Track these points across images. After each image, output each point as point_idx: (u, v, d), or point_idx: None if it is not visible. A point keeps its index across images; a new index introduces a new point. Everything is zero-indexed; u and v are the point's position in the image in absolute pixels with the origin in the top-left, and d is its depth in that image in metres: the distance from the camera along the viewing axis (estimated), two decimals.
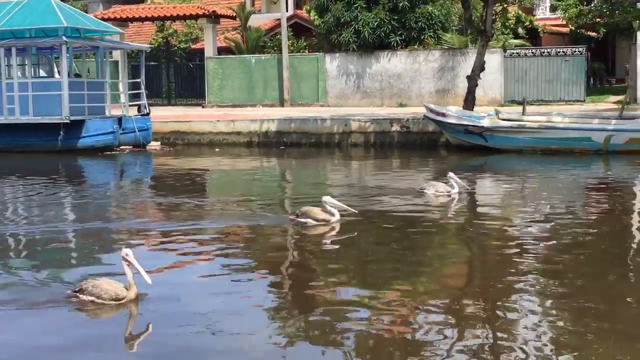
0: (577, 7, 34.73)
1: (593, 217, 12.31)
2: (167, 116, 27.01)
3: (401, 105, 29.57)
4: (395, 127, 23.49)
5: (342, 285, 8.44)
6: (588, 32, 39.69)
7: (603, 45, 43.09)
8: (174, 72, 36.47)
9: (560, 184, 16.13)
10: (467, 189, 14.04)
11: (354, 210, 11.78)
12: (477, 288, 8.45)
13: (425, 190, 13.95)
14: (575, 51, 29.82)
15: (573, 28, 38.11)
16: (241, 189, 16.51)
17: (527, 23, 37.03)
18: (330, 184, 17.18)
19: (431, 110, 21.82)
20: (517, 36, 34.53)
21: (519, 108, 23.32)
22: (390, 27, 29.60)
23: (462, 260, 10.00)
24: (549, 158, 19.75)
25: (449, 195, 13.66)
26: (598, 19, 32.76)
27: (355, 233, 10.95)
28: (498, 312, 7.43)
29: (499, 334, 6.84)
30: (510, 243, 10.39)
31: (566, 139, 20.33)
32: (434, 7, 29.90)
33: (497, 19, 29.61)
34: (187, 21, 39.70)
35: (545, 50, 30.45)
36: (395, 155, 22.07)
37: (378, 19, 29.40)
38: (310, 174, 19.38)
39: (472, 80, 23.73)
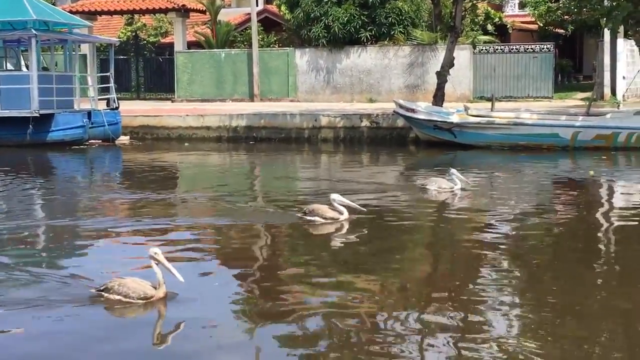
0: (545, 4, 34.89)
1: (561, 213, 12.45)
2: (136, 110, 26.86)
3: (371, 100, 29.63)
4: (365, 123, 23.54)
5: (316, 285, 8.47)
6: (556, 29, 39.96)
7: (571, 43, 43.43)
8: (143, 66, 36.28)
9: (529, 180, 16.26)
10: (470, 185, 13.92)
11: (362, 209, 11.52)
12: (447, 285, 8.51)
13: (427, 187, 13.85)
14: (543, 48, 30.09)
15: (541, 25, 38.32)
16: (212, 184, 16.46)
17: (496, 20, 37.21)
18: (309, 179, 17.21)
19: (401, 106, 21.91)
20: (486, 33, 34.69)
21: (488, 104, 23.49)
22: (360, 22, 29.64)
23: (432, 256, 10.07)
24: (517, 154, 19.92)
25: (452, 192, 13.57)
26: (566, 16, 32.91)
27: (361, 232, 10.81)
28: (468, 308, 7.49)
29: (469, 331, 6.90)
30: (480, 239, 10.47)
31: (534, 135, 20.51)
32: (403, 3, 29.96)
33: (467, 16, 29.76)
34: (156, 15, 39.50)
35: (514, 47, 30.68)
36: (365, 151, 22.14)
37: (348, 14, 29.43)
38: (282, 168, 19.37)
39: (442, 76, 23.85)
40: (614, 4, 21.85)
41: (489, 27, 35.93)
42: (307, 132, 23.96)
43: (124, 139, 24.19)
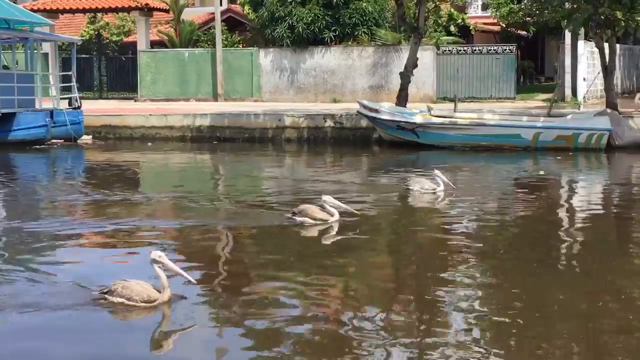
0: (507, 6, 35.28)
1: (521, 213, 12.58)
2: (99, 110, 26.65)
3: (335, 101, 29.68)
4: (329, 123, 23.58)
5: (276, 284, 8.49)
6: (518, 31, 40.36)
7: (533, 44, 43.88)
8: (106, 65, 36.01)
9: (490, 180, 16.40)
10: (453, 187, 13.87)
11: (354, 211, 11.39)
12: (411, 286, 8.57)
13: (411, 187, 13.86)
14: (506, 49, 30.36)
15: (504, 26, 38.71)
16: (175, 184, 16.41)
17: (459, 21, 37.48)
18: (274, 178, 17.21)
19: (364, 106, 21.97)
20: (449, 34, 34.93)
21: (451, 105, 23.69)
22: (324, 22, 29.67)
23: (396, 256, 10.13)
24: (480, 154, 20.08)
25: (434, 193, 13.55)
26: (528, 18, 33.34)
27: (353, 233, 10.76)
28: (432, 309, 7.56)
29: (432, 331, 6.96)
30: (443, 239, 10.58)
31: (496, 135, 20.69)
32: (367, 4, 30.06)
33: (430, 17, 29.91)
34: (119, 14, 39.20)
35: (477, 48, 30.92)
36: (329, 151, 22.18)
37: (312, 15, 29.45)
38: (247, 168, 19.35)
39: (405, 76, 23.97)
40: (575, 6, 22.14)
41: (452, 28, 36.19)
42: (271, 132, 23.94)
43: (86, 139, 23.98)
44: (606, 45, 22.84)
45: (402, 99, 23.69)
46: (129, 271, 8.78)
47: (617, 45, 24.93)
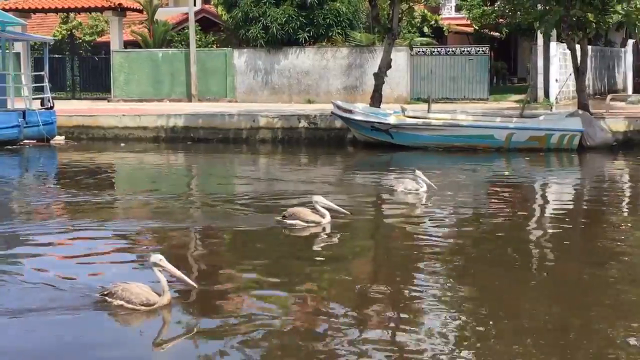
0: (480, 8, 35.48)
1: (495, 213, 12.66)
2: (71, 110, 26.49)
3: (309, 101, 29.71)
4: (303, 124, 23.60)
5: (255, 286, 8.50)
6: (491, 32, 40.58)
7: (506, 45, 44.13)
8: (79, 65, 35.75)
9: (464, 181, 16.48)
10: (435, 189, 13.86)
11: (346, 212, 11.33)
12: (384, 287, 8.60)
13: (394, 188, 13.89)
14: (479, 50, 30.53)
15: (477, 28, 38.91)
16: (150, 186, 16.37)
17: (433, 22, 37.65)
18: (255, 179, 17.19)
19: (338, 107, 22.01)
20: (423, 35, 35.06)
21: (425, 106, 23.79)
22: (298, 23, 29.68)
23: (371, 258, 10.17)
24: (453, 155, 20.18)
25: (417, 193, 13.59)
26: (501, 20, 33.53)
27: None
28: (406, 313, 7.61)
29: (404, 329, 7.01)
30: (417, 240, 10.61)
31: (470, 136, 20.80)
32: (341, 5, 30.10)
33: (404, 18, 30.03)
34: (92, 13, 39.00)
35: (450, 49, 31.07)
36: (303, 152, 22.19)
37: (286, 15, 29.45)
38: (222, 169, 19.32)
39: (379, 77, 24.03)
40: (547, 8, 22.31)
41: (426, 29, 36.33)
42: (245, 132, 23.92)
43: (59, 139, 23.82)
44: (578, 46, 23.04)
45: (376, 99, 23.75)
46: (108, 273, 8.78)
47: (589, 47, 25.14)
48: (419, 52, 30.38)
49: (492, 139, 20.72)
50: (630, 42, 35.25)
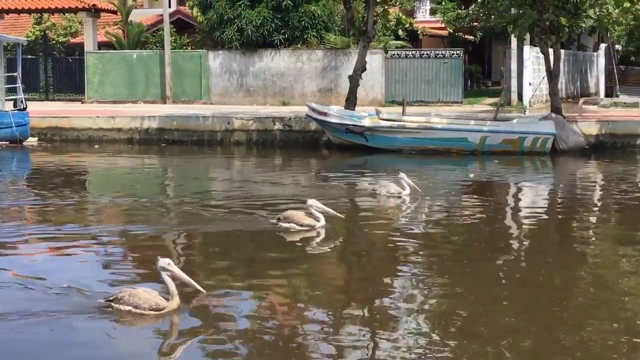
0: (455, 11, 35.63)
1: (467, 217, 12.73)
2: (45, 111, 26.30)
3: (284, 104, 29.70)
4: (278, 126, 23.59)
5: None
6: (466, 36, 40.78)
7: (480, 49, 44.34)
8: (53, 67, 35.47)
9: (437, 183, 16.55)
10: (419, 191, 13.88)
11: (340, 215, 11.32)
12: (358, 290, 8.65)
13: (377, 192, 13.83)
14: (453, 54, 30.63)
15: (451, 31, 39.07)
16: (124, 188, 16.29)
17: (408, 25, 37.74)
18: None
19: (313, 110, 22.02)
20: (397, 38, 35.15)
21: (399, 108, 23.86)
22: (273, 25, 29.66)
23: (344, 260, 10.20)
24: (428, 158, 20.25)
25: (400, 197, 13.55)
26: (475, 23, 33.72)
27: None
28: (380, 315, 7.64)
29: (377, 331, 7.05)
30: (392, 243, 10.67)
31: (444, 139, 20.88)
32: (316, 7, 30.12)
33: (378, 21, 30.11)
34: (66, 14, 38.75)
35: (425, 53, 31.16)
36: (278, 154, 22.18)
37: (261, 18, 29.41)
38: (196, 171, 19.27)
39: (354, 80, 24.08)
40: (520, 12, 22.47)
41: (401, 32, 36.43)
42: (220, 134, 23.87)
43: (32, 141, 23.64)
44: (551, 50, 23.22)
45: (350, 102, 23.79)
46: (84, 274, 8.73)
47: (562, 51, 25.34)
48: (393, 55, 30.46)
49: (466, 142, 20.82)
50: (603, 46, 35.57)
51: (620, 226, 12.16)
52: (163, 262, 7.46)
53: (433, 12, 41.53)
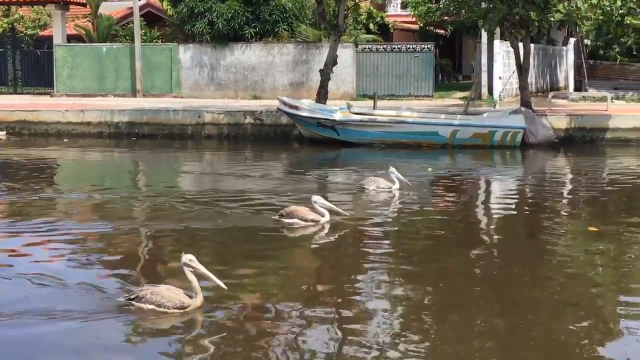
0: (425, 5, 35.67)
1: (438, 210, 12.78)
2: (13, 105, 26.06)
3: (255, 97, 29.64)
4: (249, 120, 23.53)
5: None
6: (436, 30, 40.89)
7: (451, 43, 44.53)
8: (21, 60, 35.09)
9: (409, 177, 16.58)
10: (409, 185, 13.83)
11: (345, 213, 11.22)
12: (327, 289, 8.65)
13: (365, 187, 13.69)
14: (424, 48, 30.72)
15: (422, 25, 39.16)
16: (94, 183, 16.18)
17: (379, 19, 37.79)
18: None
19: (284, 103, 21.98)
20: (369, 32, 35.20)
21: (371, 102, 23.90)
22: (244, 19, 29.57)
23: (315, 259, 10.20)
24: (399, 151, 20.28)
25: (390, 192, 13.50)
26: (446, 17, 33.80)
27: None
28: (350, 311, 7.66)
29: (350, 329, 7.06)
30: (362, 238, 10.66)
31: (414, 133, 20.95)
32: (287, 1, 30.07)
33: (350, 14, 30.09)
34: (34, 7, 38.38)
35: (396, 46, 31.22)
36: (249, 148, 22.12)
37: (232, 11, 29.30)
38: (167, 165, 19.17)
39: (325, 74, 24.07)
40: (490, 6, 22.55)
41: (372, 26, 36.49)
42: (191, 128, 23.76)
43: (0, 135, 23.42)
44: (521, 44, 23.34)
45: (321, 96, 23.78)
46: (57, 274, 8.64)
47: (532, 45, 25.48)
48: (364, 48, 30.49)
49: (437, 136, 20.89)
50: (572, 40, 35.80)
51: (589, 219, 12.26)
52: (186, 258, 7.30)
53: (404, 6, 41.61)
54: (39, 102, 27.80)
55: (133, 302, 7.20)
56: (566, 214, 12.87)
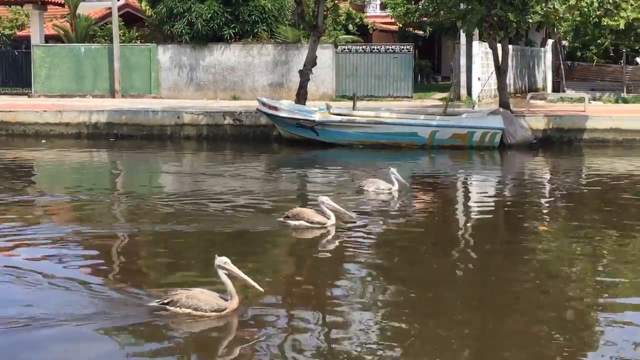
0: (404, 6, 35.79)
1: (415, 211, 12.82)
2: None
3: (234, 98, 29.59)
4: (228, 120, 23.50)
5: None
6: (416, 31, 40.99)
7: (430, 44, 44.65)
8: None
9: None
10: (408, 186, 13.78)
11: (351, 214, 11.08)
12: (308, 288, 8.67)
13: (365, 188, 13.65)
14: (403, 49, 30.78)
15: (401, 26, 39.25)
16: (73, 184, 16.11)
17: (358, 20, 37.82)
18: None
19: (264, 104, 21.97)
20: (348, 32, 35.20)
21: (350, 103, 23.92)
22: (223, 19, 29.51)
23: (292, 259, 10.22)
24: (378, 152, 20.34)
25: (390, 193, 13.46)
26: (425, 18, 33.86)
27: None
28: (330, 313, 7.68)
29: (330, 332, 7.08)
30: (341, 239, 10.67)
31: (394, 133, 21.00)
32: (267, 1, 30.04)
33: (329, 15, 30.14)
34: (12, 7, 38.14)
35: (375, 47, 31.25)
36: (228, 149, 22.08)
37: (211, 11, 29.24)
38: (146, 166, 19.11)
39: (304, 74, 24.09)
40: (469, 7, 22.65)
41: (351, 27, 36.47)
42: (170, 129, 23.69)
43: None
44: (499, 46, 23.46)
45: (301, 96, 23.80)
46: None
47: (510, 46, 25.62)
48: (344, 49, 30.50)
49: (416, 137, 20.95)
50: (550, 41, 36.03)
51: (566, 219, 12.35)
52: (220, 260, 7.27)
53: (383, 6, 41.71)
54: (16, 103, 27.62)
55: (167, 307, 7.16)
56: (543, 213, 12.94)
